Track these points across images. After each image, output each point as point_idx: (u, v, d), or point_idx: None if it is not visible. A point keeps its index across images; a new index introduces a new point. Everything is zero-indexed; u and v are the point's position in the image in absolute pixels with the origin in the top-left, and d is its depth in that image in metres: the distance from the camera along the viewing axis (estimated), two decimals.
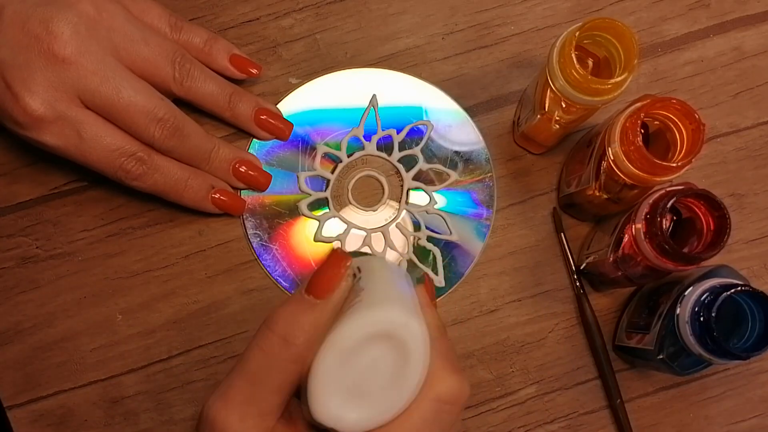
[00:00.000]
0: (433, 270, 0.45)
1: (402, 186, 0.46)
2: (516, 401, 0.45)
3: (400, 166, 0.46)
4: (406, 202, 0.46)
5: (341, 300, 0.29)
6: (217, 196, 0.44)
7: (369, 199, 0.46)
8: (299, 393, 0.29)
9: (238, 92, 0.44)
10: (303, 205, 0.45)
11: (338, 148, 0.46)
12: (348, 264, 0.30)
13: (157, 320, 0.45)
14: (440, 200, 0.46)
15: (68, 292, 0.45)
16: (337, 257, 0.30)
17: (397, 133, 0.46)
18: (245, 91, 0.45)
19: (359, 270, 0.30)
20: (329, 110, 0.46)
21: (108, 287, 0.45)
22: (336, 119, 0.46)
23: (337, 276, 0.29)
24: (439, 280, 0.45)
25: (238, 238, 0.46)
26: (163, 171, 0.41)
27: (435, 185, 0.46)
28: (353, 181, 0.46)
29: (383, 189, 0.46)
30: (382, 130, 0.46)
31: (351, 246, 0.45)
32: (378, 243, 0.46)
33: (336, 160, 0.46)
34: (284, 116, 0.46)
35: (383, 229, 0.45)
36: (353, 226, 0.45)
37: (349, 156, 0.46)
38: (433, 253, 0.45)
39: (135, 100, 0.39)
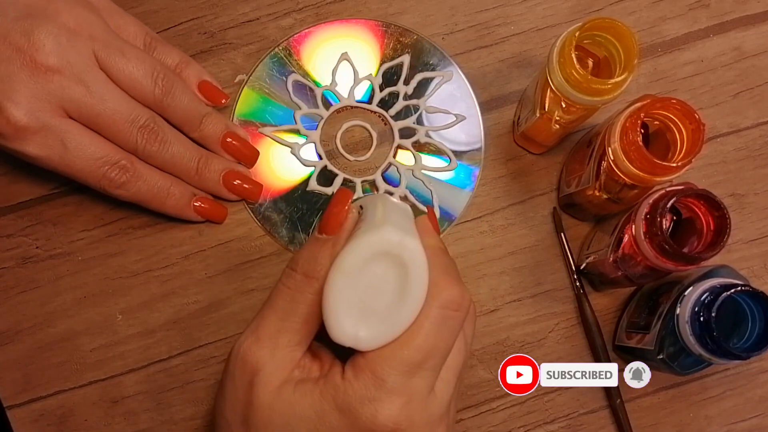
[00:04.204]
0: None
1: (392, 131, 0.47)
2: (516, 401, 0.45)
3: (383, 111, 0.47)
4: (386, 168, 0.46)
5: (350, 229, 0.32)
6: (198, 204, 0.44)
7: (355, 149, 0.47)
8: (321, 336, 0.32)
9: (210, 114, 0.44)
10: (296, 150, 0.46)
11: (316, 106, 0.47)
12: (352, 199, 0.33)
13: (157, 320, 0.45)
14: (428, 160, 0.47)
15: (68, 292, 0.45)
16: (342, 195, 0.33)
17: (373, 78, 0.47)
18: (219, 115, 0.45)
19: (361, 208, 0.33)
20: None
21: (108, 287, 0.45)
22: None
23: (343, 212, 0.32)
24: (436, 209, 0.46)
25: (238, 238, 0.46)
26: (146, 179, 0.42)
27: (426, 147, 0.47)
28: (345, 126, 0.47)
29: (372, 137, 0.47)
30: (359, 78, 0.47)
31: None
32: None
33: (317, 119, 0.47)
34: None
35: (375, 175, 0.46)
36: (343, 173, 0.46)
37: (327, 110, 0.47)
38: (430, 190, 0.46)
39: (119, 108, 0.40)
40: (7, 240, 0.45)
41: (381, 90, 0.47)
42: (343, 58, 0.47)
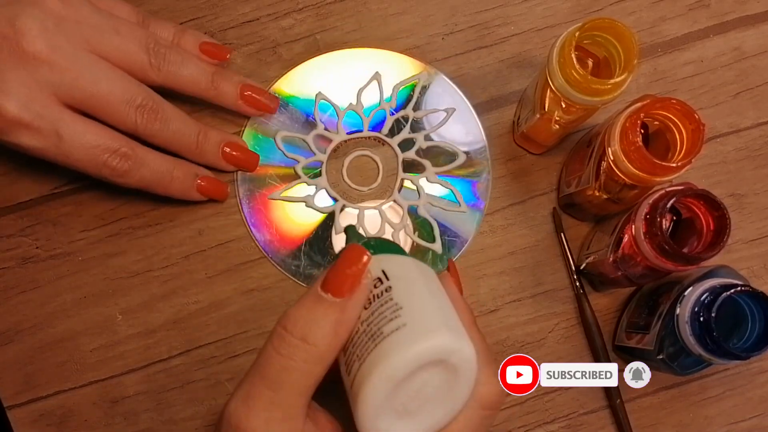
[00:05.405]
0: (430, 240, 0.45)
1: (392, 148, 0.46)
2: (516, 401, 0.45)
3: (376, 134, 0.46)
4: (401, 186, 0.46)
5: (364, 298, 0.28)
6: (202, 183, 0.44)
7: (364, 179, 0.47)
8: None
9: (219, 72, 0.43)
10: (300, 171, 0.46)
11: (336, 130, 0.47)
12: (368, 259, 0.28)
13: (157, 320, 0.45)
14: (434, 187, 0.46)
15: (68, 292, 0.45)
16: (357, 252, 0.28)
17: (388, 105, 0.47)
18: (227, 70, 0.44)
19: (384, 274, 0.29)
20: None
21: (108, 287, 0.45)
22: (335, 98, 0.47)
23: (358, 273, 0.28)
24: (438, 247, 0.45)
25: (238, 238, 0.46)
26: (149, 164, 0.41)
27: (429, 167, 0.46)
28: (348, 160, 0.46)
29: (378, 168, 0.46)
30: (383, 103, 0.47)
31: (345, 221, 0.46)
32: (373, 221, 0.46)
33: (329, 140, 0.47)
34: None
35: (378, 207, 0.46)
36: (347, 205, 0.46)
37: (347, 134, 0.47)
38: (430, 224, 0.46)
39: (113, 89, 0.38)
40: (7, 240, 0.45)
41: (366, 114, 0.47)
42: (320, 98, 0.47)
